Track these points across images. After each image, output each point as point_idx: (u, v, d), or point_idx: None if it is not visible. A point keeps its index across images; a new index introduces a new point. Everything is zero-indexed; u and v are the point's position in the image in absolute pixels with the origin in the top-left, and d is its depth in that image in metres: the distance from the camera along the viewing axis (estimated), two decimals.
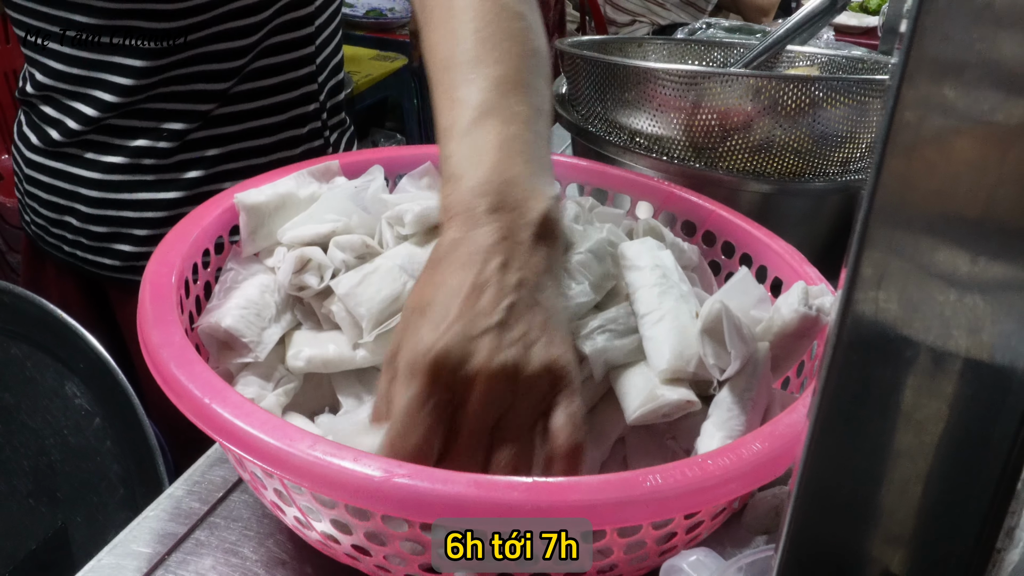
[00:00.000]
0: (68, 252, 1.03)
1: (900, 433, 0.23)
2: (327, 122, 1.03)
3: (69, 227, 1.00)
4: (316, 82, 0.99)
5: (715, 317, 0.55)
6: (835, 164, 0.87)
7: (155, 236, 0.97)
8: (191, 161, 0.95)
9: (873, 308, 0.20)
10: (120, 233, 0.99)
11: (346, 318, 0.63)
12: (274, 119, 0.97)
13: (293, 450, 0.46)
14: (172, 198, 0.96)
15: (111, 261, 1.01)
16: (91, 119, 0.92)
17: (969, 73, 0.18)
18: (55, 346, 0.98)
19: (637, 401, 0.55)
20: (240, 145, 0.96)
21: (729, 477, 0.47)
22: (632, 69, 0.87)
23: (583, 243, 0.64)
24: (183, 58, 0.89)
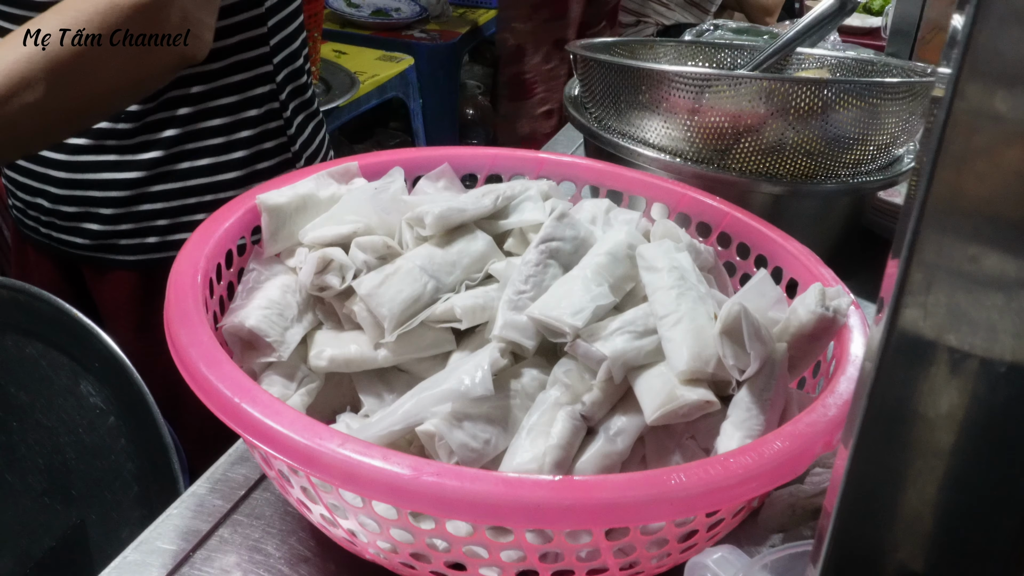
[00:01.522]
0: (44, 233, 1.07)
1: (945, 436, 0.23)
2: (287, 104, 1.05)
3: (41, 208, 1.04)
4: (271, 63, 1.02)
5: (734, 318, 0.56)
6: (846, 166, 0.88)
7: (121, 215, 1.01)
8: (150, 142, 0.97)
9: (921, 313, 0.21)
10: (88, 212, 1.02)
11: (367, 318, 0.64)
12: (229, 99, 0.99)
13: (323, 448, 0.47)
14: (134, 178, 0.99)
15: (82, 240, 1.04)
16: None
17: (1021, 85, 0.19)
18: (70, 345, 0.98)
19: (657, 401, 0.56)
20: (197, 126, 0.99)
21: (751, 475, 0.48)
22: (646, 72, 0.87)
23: (602, 245, 0.65)
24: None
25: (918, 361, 0.22)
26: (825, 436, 0.52)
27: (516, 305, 0.62)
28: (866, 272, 0.70)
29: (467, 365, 0.58)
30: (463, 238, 0.68)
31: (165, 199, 1.01)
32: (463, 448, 0.56)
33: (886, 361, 0.23)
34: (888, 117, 0.86)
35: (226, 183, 1.01)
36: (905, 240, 0.21)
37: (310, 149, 1.11)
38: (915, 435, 0.24)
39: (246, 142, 1.02)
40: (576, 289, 0.61)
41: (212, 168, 1.01)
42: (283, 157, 1.06)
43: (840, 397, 0.54)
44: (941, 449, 0.24)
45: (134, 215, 1.01)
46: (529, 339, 0.61)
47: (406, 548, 0.52)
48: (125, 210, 1.00)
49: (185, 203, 1.01)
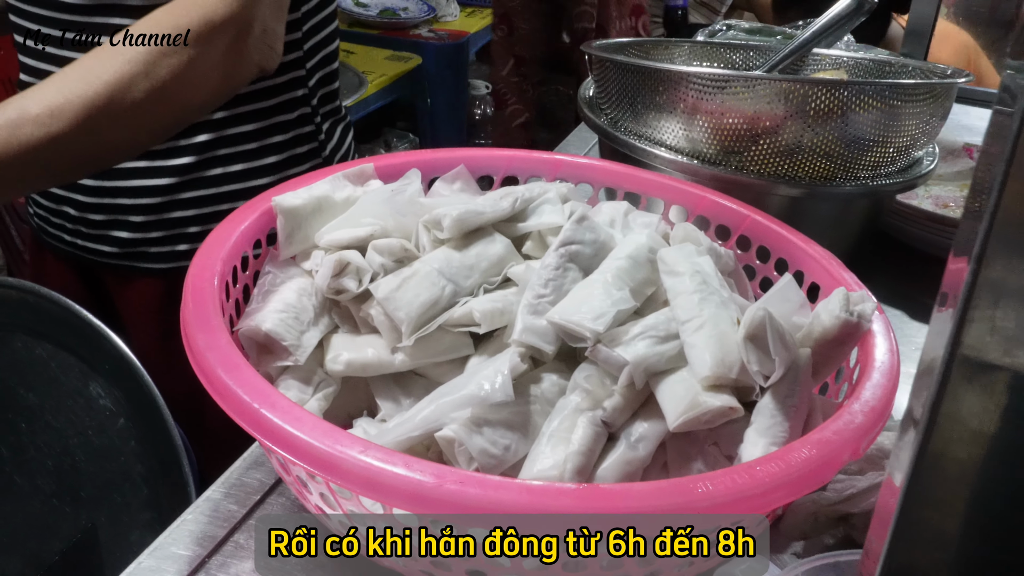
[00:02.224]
0: (68, 241, 1.05)
1: (1005, 460, 0.22)
2: (318, 109, 1.04)
3: (68, 216, 1.02)
4: (304, 68, 1.01)
5: (759, 324, 0.55)
6: (865, 168, 0.87)
7: (151, 223, 1.00)
8: (181, 148, 0.96)
9: (989, 327, 0.20)
10: (117, 220, 1.00)
11: (385, 322, 0.63)
12: (262, 104, 0.98)
13: (344, 455, 0.46)
14: (165, 184, 0.97)
15: (109, 248, 1.03)
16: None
17: None
18: (79, 346, 0.98)
19: (679, 408, 0.55)
20: (229, 131, 0.97)
21: (779, 484, 0.47)
22: (664, 73, 0.87)
23: (622, 249, 0.64)
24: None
25: (984, 374, 0.21)
26: (852, 444, 0.51)
27: (536, 309, 0.61)
28: (882, 275, 0.69)
29: (487, 370, 0.57)
30: (481, 241, 0.67)
31: (196, 206, 0.99)
32: (483, 454, 0.55)
33: (952, 374, 0.22)
34: (908, 119, 0.85)
35: (258, 188, 1.00)
36: (972, 253, 0.20)
37: (340, 152, 1.10)
38: (973, 458, 0.23)
39: (278, 147, 1.01)
40: (597, 293, 0.60)
41: (244, 174, 1.00)
42: (315, 162, 1.05)
43: (867, 404, 0.54)
44: (1001, 474, 0.23)
45: (165, 222, 1.00)
46: (549, 344, 0.60)
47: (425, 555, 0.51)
48: (156, 217, 0.99)
49: (217, 209, 0.99)
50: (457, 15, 3.11)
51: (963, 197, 1.14)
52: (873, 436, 0.53)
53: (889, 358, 0.59)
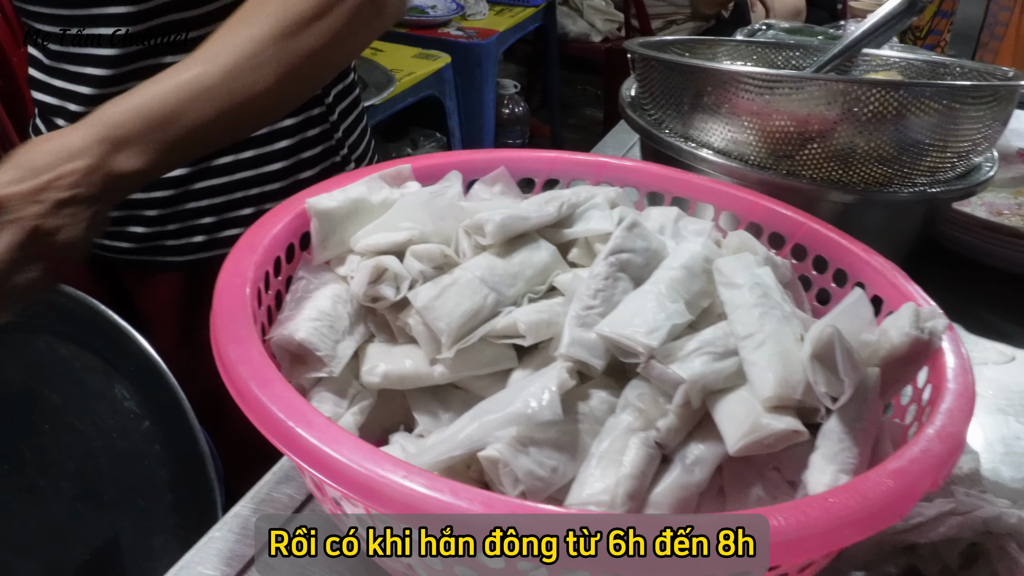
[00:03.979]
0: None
1: None
2: (328, 89, 1.02)
3: None
4: None
5: (827, 342, 0.51)
6: (922, 174, 0.83)
7: (166, 216, 0.98)
8: None
9: None
10: (132, 216, 0.99)
11: (423, 332, 0.60)
12: None
13: (386, 480, 0.43)
14: (177, 176, 0.96)
15: (126, 244, 1.01)
16: (88, 98, 0.93)
17: None
18: (104, 348, 0.96)
19: (740, 431, 0.52)
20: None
21: (855, 518, 0.44)
22: (713, 72, 0.83)
23: (676, 258, 0.61)
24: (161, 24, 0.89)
25: None
26: (931, 474, 0.47)
27: (584, 321, 0.57)
28: (933, 285, 0.66)
29: (533, 386, 0.54)
30: (525, 248, 0.64)
31: (210, 195, 0.98)
32: (529, 476, 0.52)
33: None
34: (969, 123, 0.81)
35: (271, 175, 0.98)
36: None
37: (353, 136, 1.08)
38: None
39: (289, 131, 0.99)
40: (650, 305, 0.57)
41: (256, 160, 0.98)
42: (327, 145, 1.03)
43: (943, 430, 0.50)
44: None
45: (180, 214, 0.98)
46: (598, 358, 0.57)
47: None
48: (171, 210, 0.98)
49: (231, 198, 0.98)
50: (486, 13, 3.09)
51: (1018, 204, 1.09)
52: (951, 465, 0.49)
53: (963, 379, 0.55)
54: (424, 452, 0.53)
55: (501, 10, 3.17)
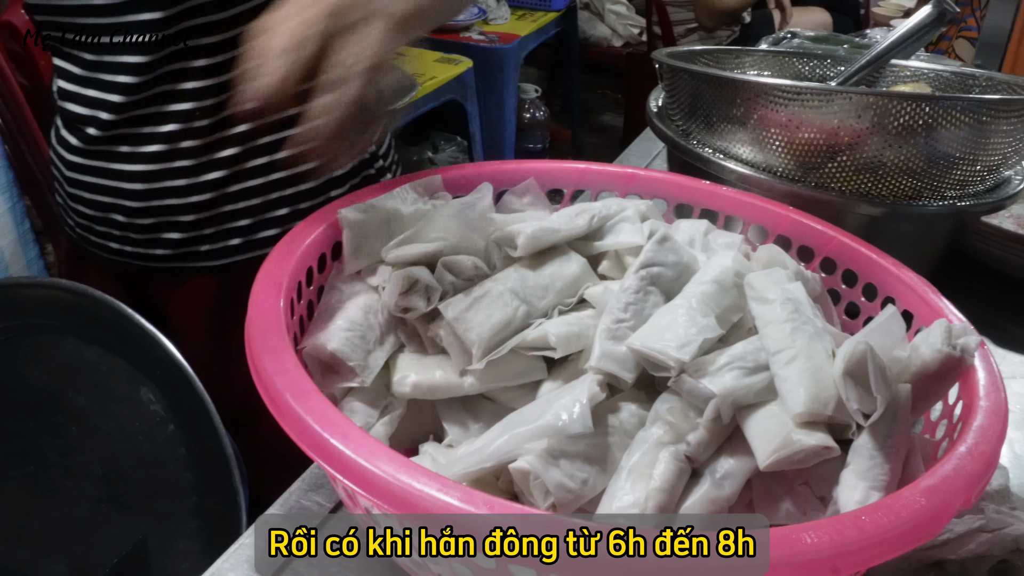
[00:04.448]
0: (115, 249, 1.03)
1: None
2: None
3: (115, 223, 1.00)
4: None
5: (859, 359, 0.51)
6: (951, 187, 0.83)
7: (202, 220, 0.98)
8: (225, 139, 0.94)
9: None
10: (167, 222, 0.98)
11: (454, 343, 0.60)
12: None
13: (422, 494, 0.43)
14: (213, 179, 0.95)
15: (161, 251, 1.00)
16: (119, 106, 0.92)
17: None
18: (130, 351, 0.97)
19: (771, 446, 0.52)
20: (271, 118, 0.95)
21: (888, 537, 0.44)
22: (743, 84, 0.83)
23: (706, 272, 0.61)
24: (188, 27, 0.88)
25: None
26: (964, 493, 0.47)
27: (615, 335, 0.58)
28: (962, 299, 0.66)
29: (563, 399, 0.54)
30: (556, 260, 0.64)
31: (247, 197, 0.97)
32: (560, 488, 0.52)
33: None
34: (1000, 136, 0.81)
35: (306, 174, 0.98)
36: None
37: (383, 142, 1.08)
38: None
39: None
40: (681, 319, 0.57)
41: (292, 160, 0.97)
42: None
43: (976, 448, 0.50)
44: None
45: (216, 218, 0.98)
46: (628, 371, 0.57)
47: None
48: (207, 214, 0.97)
49: (267, 199, 0.97)
50: (508, 18, 3.09)
51: None
52: (985, 483, 0.49)
53: (995, 396, 0.55)
54: (454, 463, 0.53)
55: (523, 15, 3.17)
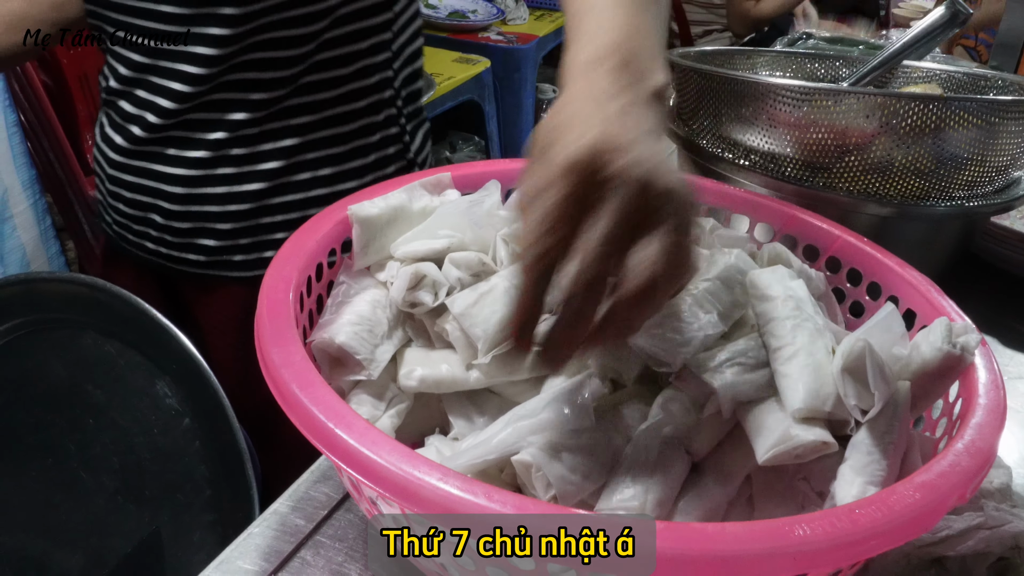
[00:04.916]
0: (151, 250, 1.03)
1: None
2: (402, 109, 1.02)
3: (153, 224, 1.01)
4: (392, 69, 0.99)
5: (858, 356, 0.52)
6: (960, 187, 0.83)
7: (237, 230, 0.98)
8: (269, 152, 0.94)
9: None
10: (203, 228, 0.99)
11: (460, 338, 0.61)
12: (350, 107, 0.96)
13: (422, 482, 0.44)
14: (254, 190, 0.96)
15: (195, 256, 1.01)
16: (168, 111, 0.93)
17: None
18: (147, 346, 0.98)
19: (769, 441, 0.53)
20: (318, 134, 0.95)
21: (881, 530, 0.44)
22: (751, 84, 0.84)
23: (710, 270, 0.61)
24: (254, 43, 0.89)
25: None
26: (959, 488, 0.47)
27: None
28: (972, 299, 0.66)
29: (566, 393, 0.55)
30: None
31: (285, 211, 0.98)
32: (561, 481, 0.53)
33: None
34: (1009, 137, 0.81)
35: (346, 192, 0.98)
36: None
37: (423, 154, 1.08)
38: None
39: (366, 149, 0.99)
40: (684, 315, 0.58)
41: (333, 178, 0.98)
42: (400, 164, 1.03)
43: (972, 444, 0.50)
44: None
45: (253, 229, 0.98)
46: (631, 367, 0.58)
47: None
48: (244, 224, 0.98)
49: (306, 214, 0.96)
50: (526, 18, 3.10)
51: None
52: (980, 479, 0.49)
53: (994, 394, 0.55)
54: (459, 455, 0.54)
55: (541, 15, 3.17)
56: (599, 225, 0.46)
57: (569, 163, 0.46)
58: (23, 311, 1.02)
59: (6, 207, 2.00)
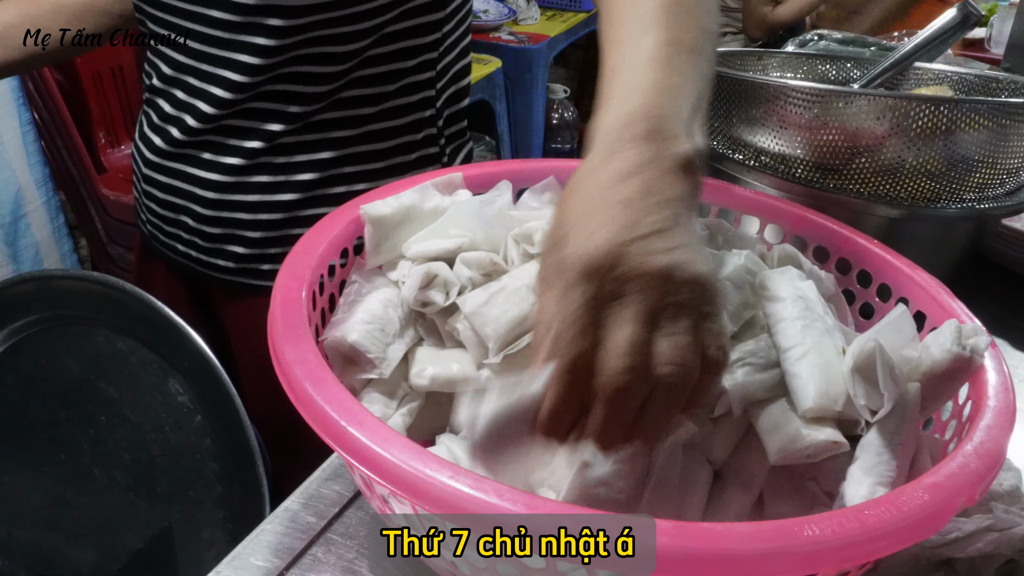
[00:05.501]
0: (182, 252, 1.03)
1: None
2: (443, 130, 1.02)
3: (184, 227, 1.00)
4: (435, 88, 0.98)
5: (868, 356, 0.52)
6: (971, 189, 0.83)
7: (267, 239, 0.97)
8: (306, 163, 0.94)
9: None
10: (233, 235, 0.98)
11: (471, 337, 0.61)
12: (390, 123, 0.96)
13: (432, 480, 0.45)
14: (287, 200, 0.95)
15: (224, 262, 1.00)
16: (207, 116, 0.92)
17: None
18: (160, 343, 0.98)
19: (780, 441, 0.53)
20: (356, 149, 0.95)
21: (890, 530, 0.45)
22: (761, 85, 0.84)
23: (720, 270, 0.62)
24: (298, 55, 0.88)
25: None
26: (967, 490, 0.48)
27: None
28: (982, 301, 0.66)
29: None
30: None
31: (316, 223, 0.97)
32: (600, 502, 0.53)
33: None
34: (1020, 139, 0.81)
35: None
36: None
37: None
38: None
39: (402, 167, 0.98)
40: None
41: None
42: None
43: (982, 446, 0.50)
44: None
45: (283, 239, 0.97)
46: None
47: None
48: (274, 233, 0.97)
49: None
50: (537, 18, 3.10)
51: None
52: (989, 481, 0.49)
53: (1004, 396, 0.55)
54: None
55: (553, 15, 3.17)
56: (624, 331, 0.45)
57: (586, 266, 0.45)
58: (37, 308, 1.02)
59: (20, 204, 2.02)
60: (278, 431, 0.97)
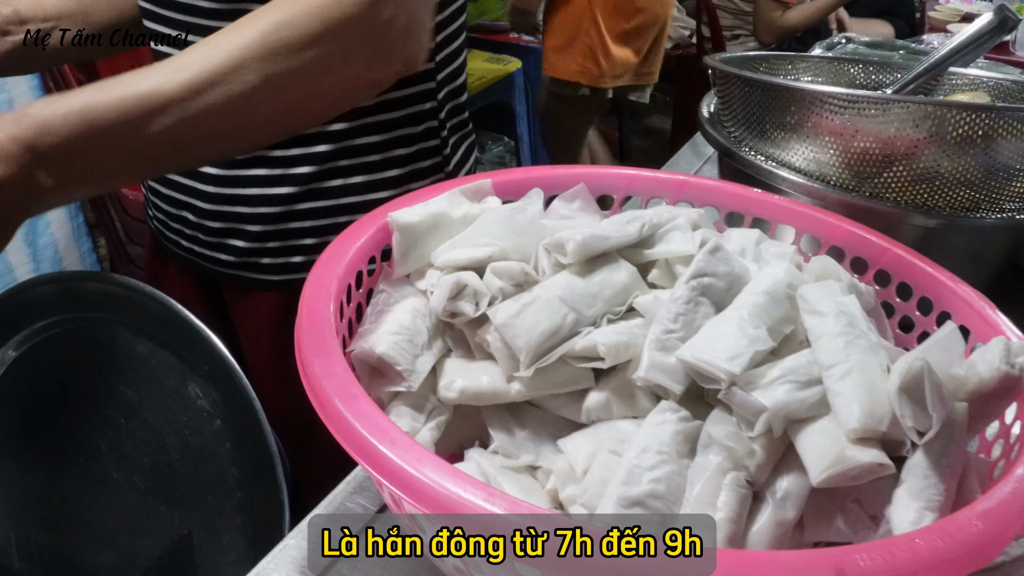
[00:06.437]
0: (186, 247, 1.04)
1: None
2: (444, 122, 1.01)
3: (187, 222, 1.01)
4: (435, 80, 0.97)
5: (916, 375, 0.50)
6: (1010, 198, 0.81)
7: (268, 233, 0.97)
8: (303, 157, 0.93)
9: None
10: (234, 229, 0.98)
11: (502, 349, 0.60)
12: (388, 116, 0.95)
13: (466, 501, 0.43)
14: (284, 194, 0.95)
15: (226, 257, 1.01)
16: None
17: None
18: (179, 346, 0.98)
19: (824, 462, 0.51)
20: (352, 142, 0.94)
21: (943, 561, 0.43)
22: (795, 91, 0.82)
23: (759, 283, 0.60)
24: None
25: None
26: (1022, 517, 0.46)
27: (664, 345, 0.57)
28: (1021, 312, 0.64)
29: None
30: (605, 267, 0.63)
31: (314, 217, 0.97)
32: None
33: None
34: None
35: (378, 202, 0.96)
36: None
37: (464, 169, 1.06)
38: None
39: (401, 160, 0.97)
40: (732, 331, 0.56)
41: (365, 186, 0.97)
42: (437, 177, 1.02)
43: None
44: None
45: (282, 233, 0.97)
46: (677, 383, 0.56)
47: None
48: (274, 227, 0.97)
49: (335, 221, 0.96)
50: None
51: None
52: None
53: None
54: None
55: None
56: None
57: None
58: (57, 309, 1.02)
59: None
60: (291, 428, 0.96)
